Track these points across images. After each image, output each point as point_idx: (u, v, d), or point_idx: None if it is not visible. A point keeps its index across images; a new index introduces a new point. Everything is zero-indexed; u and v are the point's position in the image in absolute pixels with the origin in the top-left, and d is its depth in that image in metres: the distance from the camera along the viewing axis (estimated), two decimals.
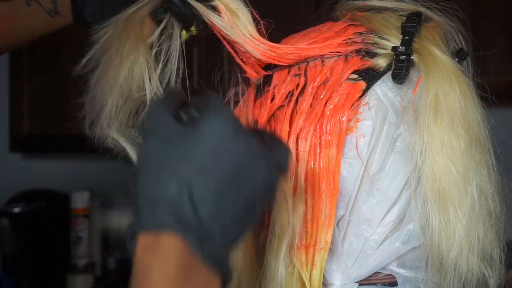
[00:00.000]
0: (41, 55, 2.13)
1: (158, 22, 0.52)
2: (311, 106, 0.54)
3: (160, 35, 0.52)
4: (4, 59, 2.19)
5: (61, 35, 2.28)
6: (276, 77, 0.58)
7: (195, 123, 0.38)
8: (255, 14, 0.57)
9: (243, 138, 0.39)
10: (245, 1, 0.56)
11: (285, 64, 0.57)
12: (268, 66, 0.59)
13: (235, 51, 0.58)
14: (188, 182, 0.36)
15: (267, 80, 0.59)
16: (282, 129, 0.55)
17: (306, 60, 0.57)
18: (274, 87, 0.57)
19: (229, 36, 0.56)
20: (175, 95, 0.42)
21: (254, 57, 0.57)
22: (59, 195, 2.16)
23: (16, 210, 1.94)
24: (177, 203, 0.36)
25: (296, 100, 0.55)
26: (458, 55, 0.57)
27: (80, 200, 1.99)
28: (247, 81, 0.60)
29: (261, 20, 0.57)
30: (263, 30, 0.57)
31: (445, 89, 0.51)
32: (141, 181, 0.38)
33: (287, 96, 0.56)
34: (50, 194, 2.17)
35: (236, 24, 0.55)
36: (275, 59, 0.56)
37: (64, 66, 2.31)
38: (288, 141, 0.54)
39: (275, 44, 0.57)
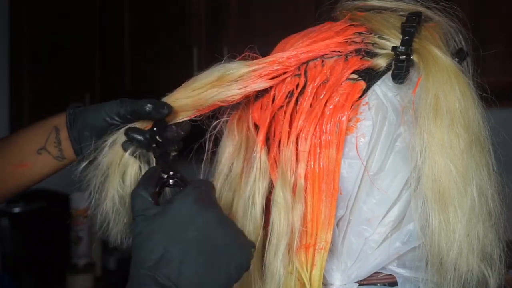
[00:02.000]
0: (41, 55, 2.13)
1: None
2: (311, 106, 0.54)
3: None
4: (4, 59, 2.19)
5: (61, 35, 2.27)
6: None
7: (168, 201, 0.48)
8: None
9: (209, 210, 0.47)
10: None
11: (291, 72, 0.57)
12: None
13: (239, 106, 0.59)
14: (164, 248, 0.45)
15: None
16: (282, 129, 0.55)
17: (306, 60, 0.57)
18: (275, 87, 0.57)
19: (223, 103, 0.58)
20: (152, 177, 0.52)
21: (261, 89, 0.57)
22: (59, 195, 2.16)
23: (16, 210, 1.94)
24: (155, 267, 0.44)
25: (296, 100, 0.55)
26: (458, 55, 0.57)
27: (80, 200, 1.98)
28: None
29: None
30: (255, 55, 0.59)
31: (445, 89, 0.51)
32: (132, 254, 0.46)
33: (287, 96, 0.56)
34: (50, 194, 2.17)
35: (224, 87, 0.57)
36: (280, 72, 0.56)
37: (64, 66, 2.31)
38: (288, 141, 0.54)
39: (272, 56, 0.57)
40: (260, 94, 0.59)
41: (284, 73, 0.56)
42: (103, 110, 0.61)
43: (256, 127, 0.58)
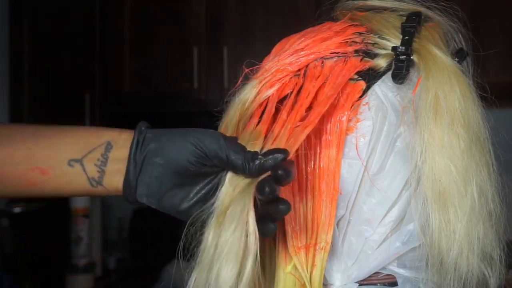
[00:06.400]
0: (41, 55, 2.13)
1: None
2: (310, 106, 0.54)
3: None
4: (4, 59, 2.19)
5: (61, 35, 2.27)
6: None
7: None
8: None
9: None
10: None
11: (294, 73, 0.56)
12: None
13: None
14: None
15: None
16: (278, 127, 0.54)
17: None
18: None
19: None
20: None
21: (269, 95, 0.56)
22: None
23: (16, 210, 1.94)
24: None
25: (296, 100, 0.55)
26: (458, 55, 0.57)
27: (80, 200, 1.99)
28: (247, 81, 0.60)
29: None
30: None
31: (445, 89, 0.51)
32: None
33: (286, 96, 0.56)
34: None
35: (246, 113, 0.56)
36: (284, 77, 0.56)
37: (64, 66, 2.32)
38: (278, 135, 0.53)
39: (275, 64, 0.56)
40: None
41: (286, 74, 0.56)
42: (191, 137, 0.47)
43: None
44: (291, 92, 0.56)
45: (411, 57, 0.53)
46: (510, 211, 0.54)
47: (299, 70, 0.56)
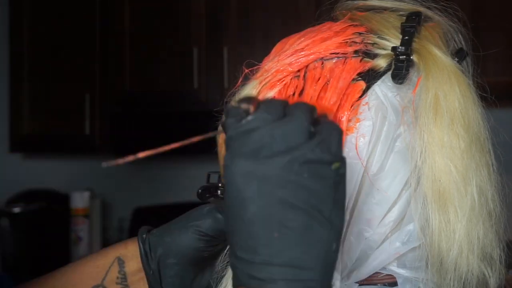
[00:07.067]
0: (41, 55, 2.13)
1: None
2: None
3: None
4: (4, 59, 2.20)
5: (61, 35, 2.27)
6: None
7: None
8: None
9: None
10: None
11: (294, 74, 0.56)
12: None
13: None
14: None
15: None
16: None
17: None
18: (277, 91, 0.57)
19: None
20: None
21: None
22: (59, 195, 2.16)
23: (16, 210, 1.94)
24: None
25: None
26: (458, 55, 0.57)
27: (80, 200, 1.99)
28: (247, 81, 0.60)
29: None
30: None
31: (445, 89, 0.51)
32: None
33: (287, 98, 0.56)
34: (50, 194, 2.17)
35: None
36: (284, 78, 0.56)
37: (64, 66, 2.32)
38: None
39: (275, 64, 0.56)
40: None
41: (287, 75, 0.56)
42: (192, 228, 0.48)
43: None
44: (293, 95, 0.56)
45: (411, 57, 0.53)
46: (510, 211, 0.54)
47: (299, 70, 0.56)
